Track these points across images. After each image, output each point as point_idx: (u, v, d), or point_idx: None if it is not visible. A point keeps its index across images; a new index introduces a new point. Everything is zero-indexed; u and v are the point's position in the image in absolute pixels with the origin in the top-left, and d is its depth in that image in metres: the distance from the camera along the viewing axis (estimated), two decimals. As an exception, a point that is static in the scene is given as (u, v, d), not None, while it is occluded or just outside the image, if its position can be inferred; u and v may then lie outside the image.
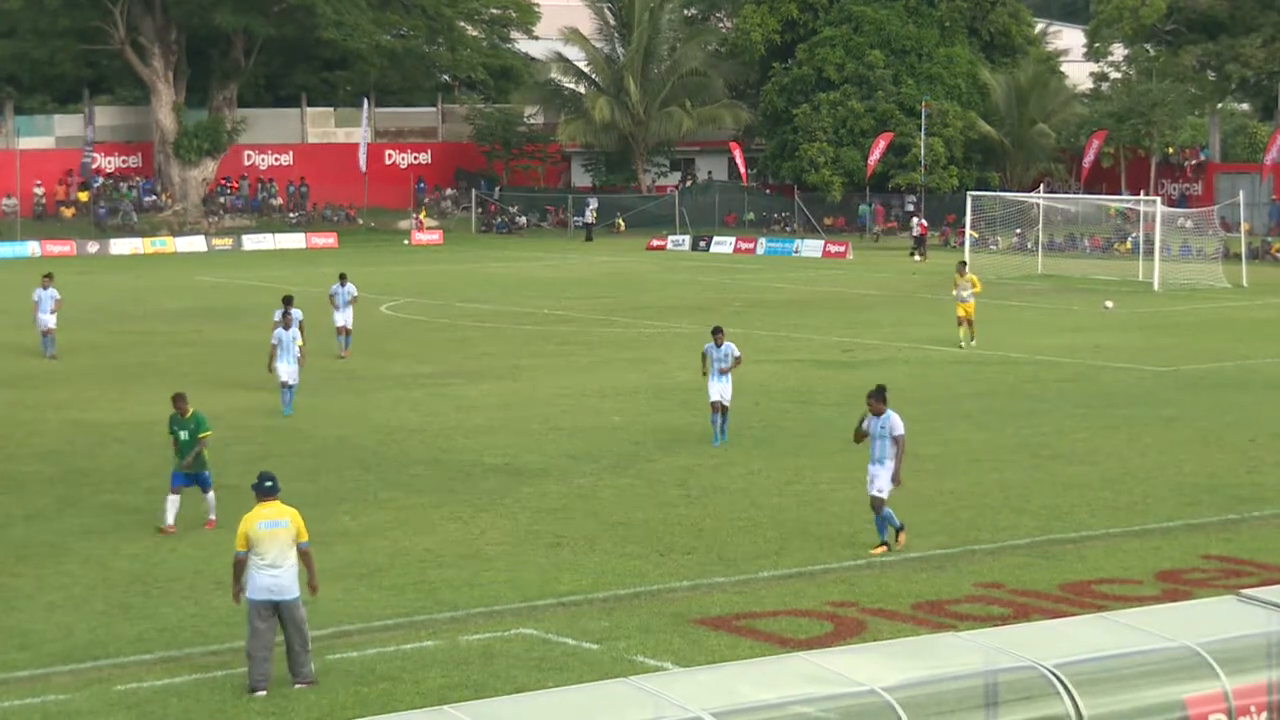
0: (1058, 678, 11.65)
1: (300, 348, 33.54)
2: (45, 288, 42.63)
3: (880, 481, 22.11)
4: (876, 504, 22.18)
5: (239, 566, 16.86)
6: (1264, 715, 12.11)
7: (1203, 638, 12.26)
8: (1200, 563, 21.57)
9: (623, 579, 20.84)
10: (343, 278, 42.58)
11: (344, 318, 41.97)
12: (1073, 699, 11.55)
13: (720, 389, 29.45)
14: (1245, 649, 12.35)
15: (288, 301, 35.84)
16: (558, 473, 27.54)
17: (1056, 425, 31.67)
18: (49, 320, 42.36)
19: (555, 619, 19.19)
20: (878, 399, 22.27)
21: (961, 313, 43.30)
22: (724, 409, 29.51)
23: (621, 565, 21.53)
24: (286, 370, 33.14)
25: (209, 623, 19.02)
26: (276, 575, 16.62)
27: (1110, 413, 33.14)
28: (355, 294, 42.35)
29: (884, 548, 22.06)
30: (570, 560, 21.79)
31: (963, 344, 42.67)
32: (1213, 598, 15.56)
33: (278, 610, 16.63)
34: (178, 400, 24.45)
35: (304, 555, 16.99)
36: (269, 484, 17.31)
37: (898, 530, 22.27)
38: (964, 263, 44.92)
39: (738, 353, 29.78)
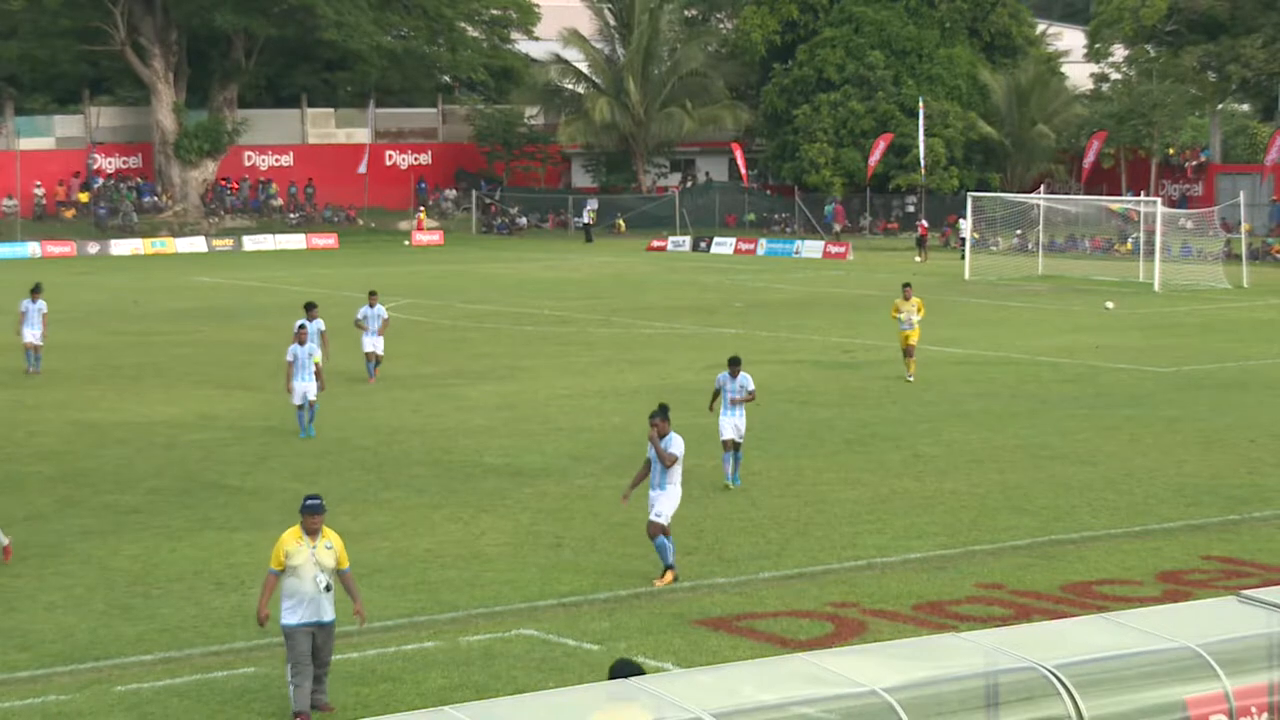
0: (1058, 678, 11.64)
1: (318, 365, 31.20)
2: (34, 300, 40.15)
3: (660, 506, 20.65)
4: (654, 530, 20.66)
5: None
6: (1265, 716, 12.10)
7: (1203, 638, 12.25)
8: (1201, 563, 21.56)
9: (623, 579, 20.84)
10: (372, 297, 38.63)
11: (374, 343, 37.99)
12: (1073, 700, 11.54)
13: (734, 423, 26.34)
14: (1246, 650, 12.34)
15: (310, 309, 33.90)
16: (558, 473, 27.53)
17: (1057, 426, 31.67)
18: (35, 335, 39.85)
19: (556, 620, 19.18)
20: (662, 419, 20.79)
21: (904, 342, 37.90)
22: (737, 446, 26.46)
23: (622, 566, 21.52)
24: (301, 389, 30.96)
25: (209, 623, 19.01)
26: None
27: (1111, 413, 33.14)
28: (386, 316, 38.38)
29: (672, 574, 20.55)
30: (571, 561, 21.78)
31: (910, 376, 37.49)
32: (1213, 598, 15.55)
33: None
34: None
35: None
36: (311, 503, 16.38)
37: (666, 568, 20.69)
38: (909, 284, 39.46)
39: (751, 386, 26.56)
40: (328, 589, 15.98)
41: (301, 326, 31.83)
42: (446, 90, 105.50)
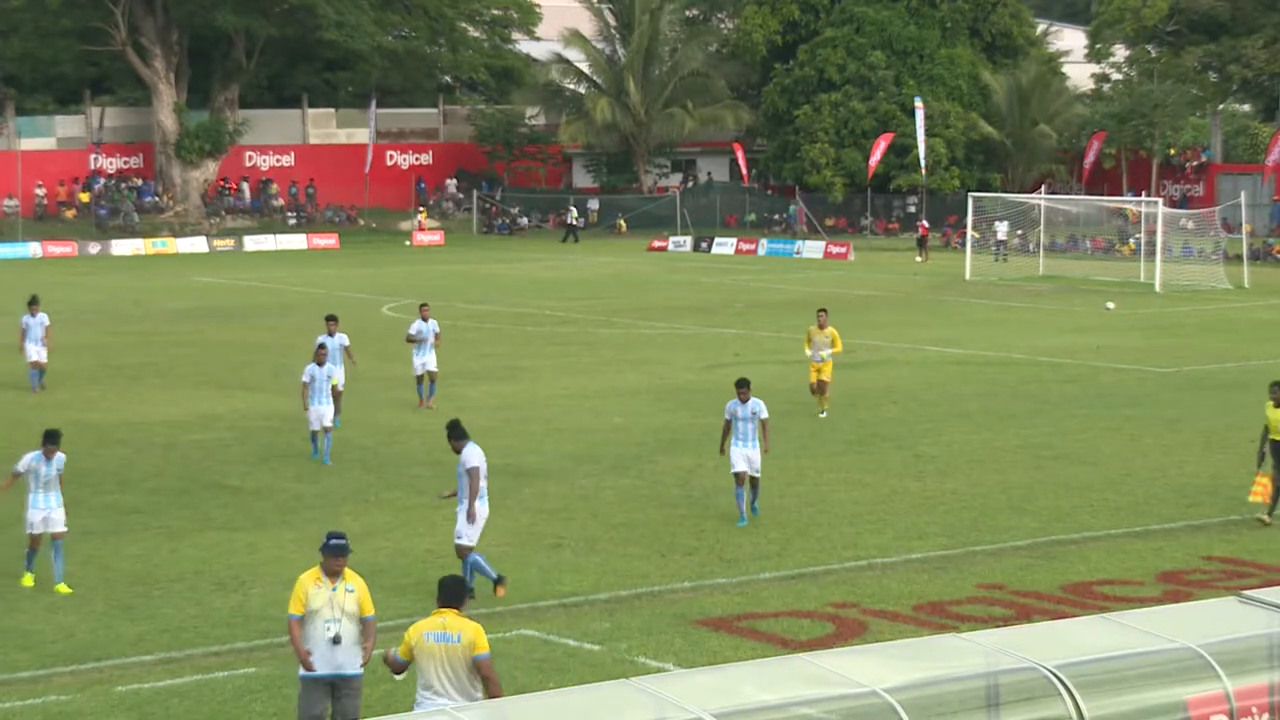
0: (1059, 679, 11.64)
1: (336, 388, 29.11)
2: (34, 314, 37.11)
3: (462, 526, 19.91)
4: (460, 552, 19.94)
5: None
6: (1265, 716, 12.10)
7: (1204, 639, 12.25)
8: (1202, 564, 21.57)
9: (624, 580, 20.85)
10: (424, 309, 35.27)
11: (427, 360, 34.38)
12: (1074, 700, 11.54)
13: (746, 454, 23.95)
14: (1247, 650, 12.34)
15: (331, 321, 31.94)
16: (559, 474, 27.53)
17: (1058, 426, 31.66)
18: (39, 351, 37.04)
19: (557, 620, 19.18)
20: (455, 436, 19.94)
21: (815, 376, 33.42)
22: (753, 480, 24.16)
23: (623, 566, 21.53)
24: (318, 413, 28.47)
25: (210, 624, 19.01)
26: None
27: (1112, 414, 33.13)
28: (438, 331, 35.03)
29: (502, 589, 19.85)
30: (571, 561, 21.78)
31: (822, 412, 33.08)
32: (1214, 599, 15.55)
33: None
34: None
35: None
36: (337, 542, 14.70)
37: (496, 582, 19.96)
38: (824, 310, 34.79)
39: (764, 414, 24.13)
40: (336, 640, 14.32)
41: (321, 345, 29.60)
42: (447, 90, 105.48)
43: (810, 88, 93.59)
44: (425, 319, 34.62)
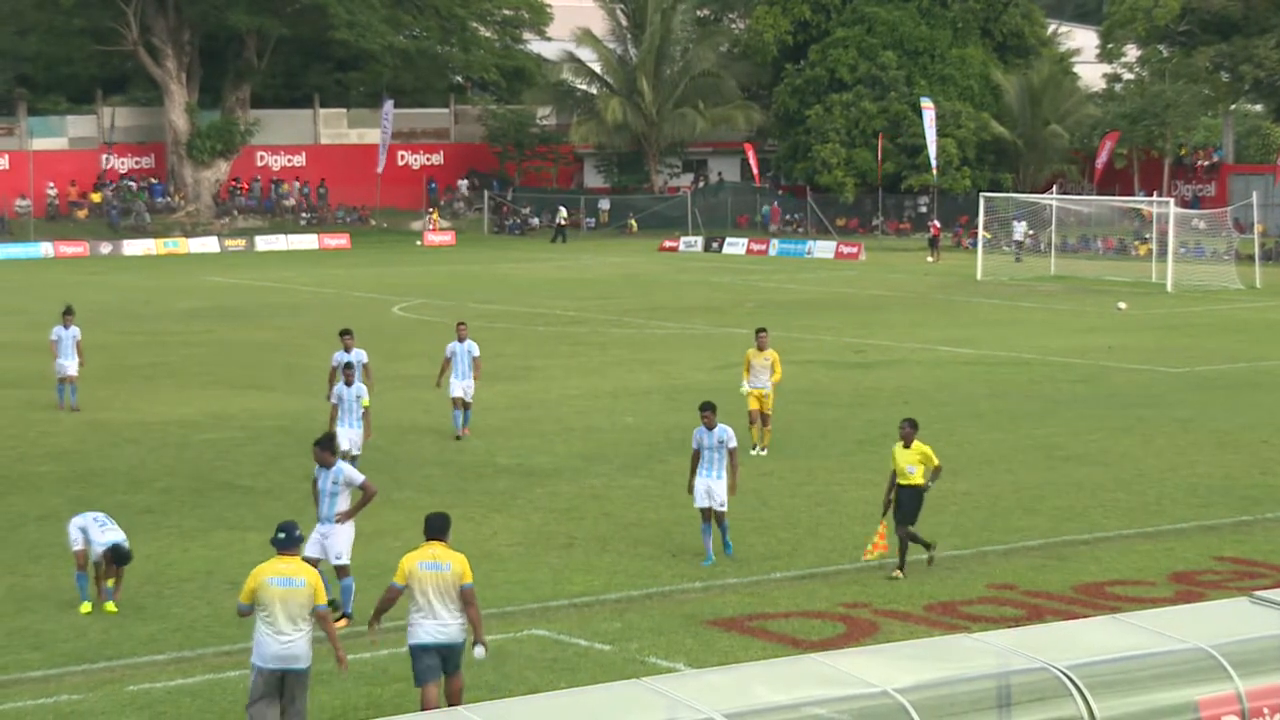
0: (1070, 679, 11.65)
1: (366, 409, 26.59)
2: (66, 326, 34.71)
3: (336, 543, 19.00)
4: (339, 571, 18.98)
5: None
6: (1277, 717, 12.10)
7: (1216, 639, 12.26)
8: (1213, 564, 21.55)
9: (635, 580, 20.86)
10: (461, 329, 31.76)
11: (464, 386, 31.12)
12: (1085, 700, 11.55)
13: (709, 487, 21.88)
14: (1258, 651, 12.35)
15: (346, 336, 29.22)
16: (570, 473, 27.55)
17: (1070, 426, 31.64)
18: (70, 366, 34.61)
19: (568, 620, 19.20)
20: (324, 449, 18.96)
21: (755, 404, 29.46)
22: (718, 516, 21.98)
23: (634, 566, 21.54)
24: (347, 437, 26.25)
25: (222, 623, 19.03)
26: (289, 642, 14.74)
27: (1123, 414, 33.10)
28: (477, 354, 31.39)
29: (347, 620, 18.71)
30: (583, 561, 21.79)
31: (755, 447, 29.03)
32: (1226, 599, 15.56)
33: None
34: None
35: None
36: (282, 535, 14.98)
37: (345, 615, 18.82)
38: (764, 330, 30.46)
39: (733, 443, 21.91)
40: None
41: (348, 365, 27.13)
42: (459, 90, 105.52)
43: (821, 88, 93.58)
44: (461, 339, 31.34)
